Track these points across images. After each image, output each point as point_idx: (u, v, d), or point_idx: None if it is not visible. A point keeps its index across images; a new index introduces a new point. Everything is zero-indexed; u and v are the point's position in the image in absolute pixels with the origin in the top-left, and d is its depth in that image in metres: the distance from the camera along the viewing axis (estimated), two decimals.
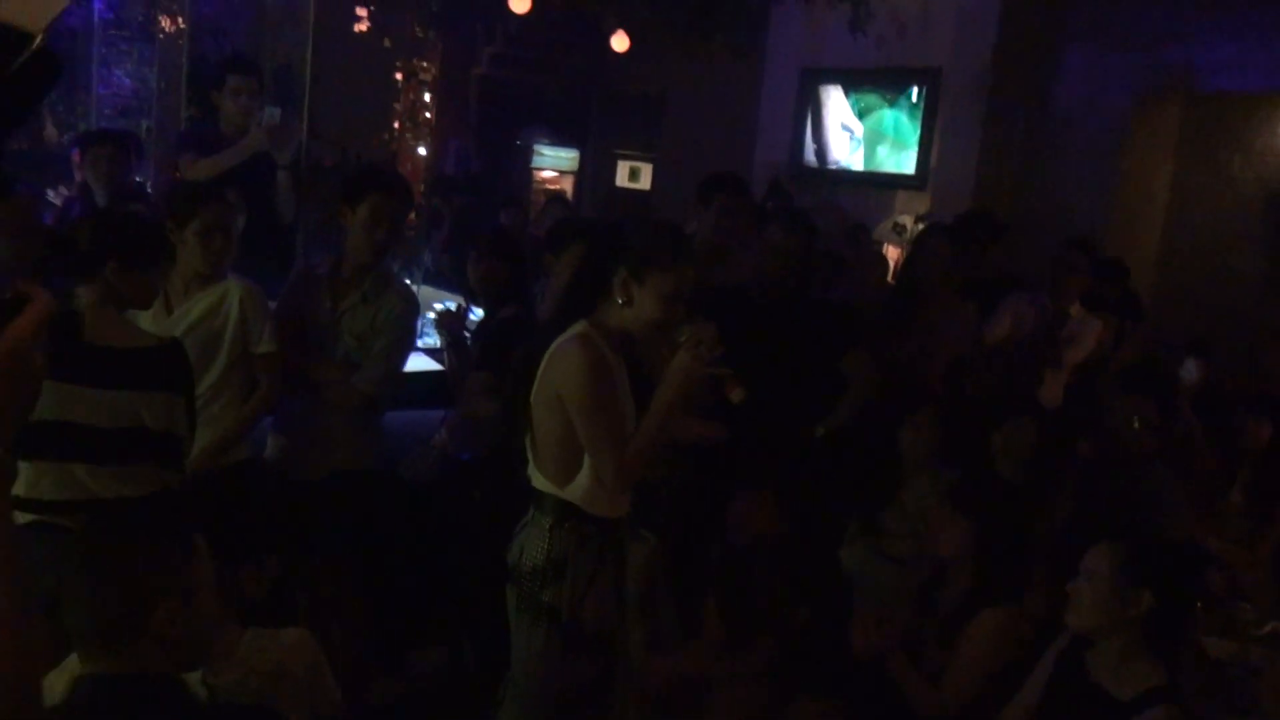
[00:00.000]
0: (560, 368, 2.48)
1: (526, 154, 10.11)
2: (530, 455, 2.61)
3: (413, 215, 5.46)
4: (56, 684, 1.79)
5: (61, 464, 2.62)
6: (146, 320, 3.08)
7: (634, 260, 2.48)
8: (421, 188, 5.95)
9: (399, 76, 5.28)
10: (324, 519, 3.40)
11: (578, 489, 2.53)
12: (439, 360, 4.57)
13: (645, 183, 9.83)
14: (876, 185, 7.66)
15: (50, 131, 6.54)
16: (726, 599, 3.27)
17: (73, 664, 1.65)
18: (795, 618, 3.09)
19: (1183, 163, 7.07)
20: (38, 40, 0.97)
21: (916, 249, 4.82)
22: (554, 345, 2.52)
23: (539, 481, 2.58)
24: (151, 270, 2.85)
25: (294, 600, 3.26)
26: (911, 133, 7.39)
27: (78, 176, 4.71)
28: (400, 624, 3.86)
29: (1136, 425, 3.36)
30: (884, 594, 3.26)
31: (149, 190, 4.85)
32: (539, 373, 2.54)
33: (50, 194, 4.91)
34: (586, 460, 2.52)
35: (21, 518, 2.53)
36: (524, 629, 2.59)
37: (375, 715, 3.50)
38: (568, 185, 10.33)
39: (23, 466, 2.54)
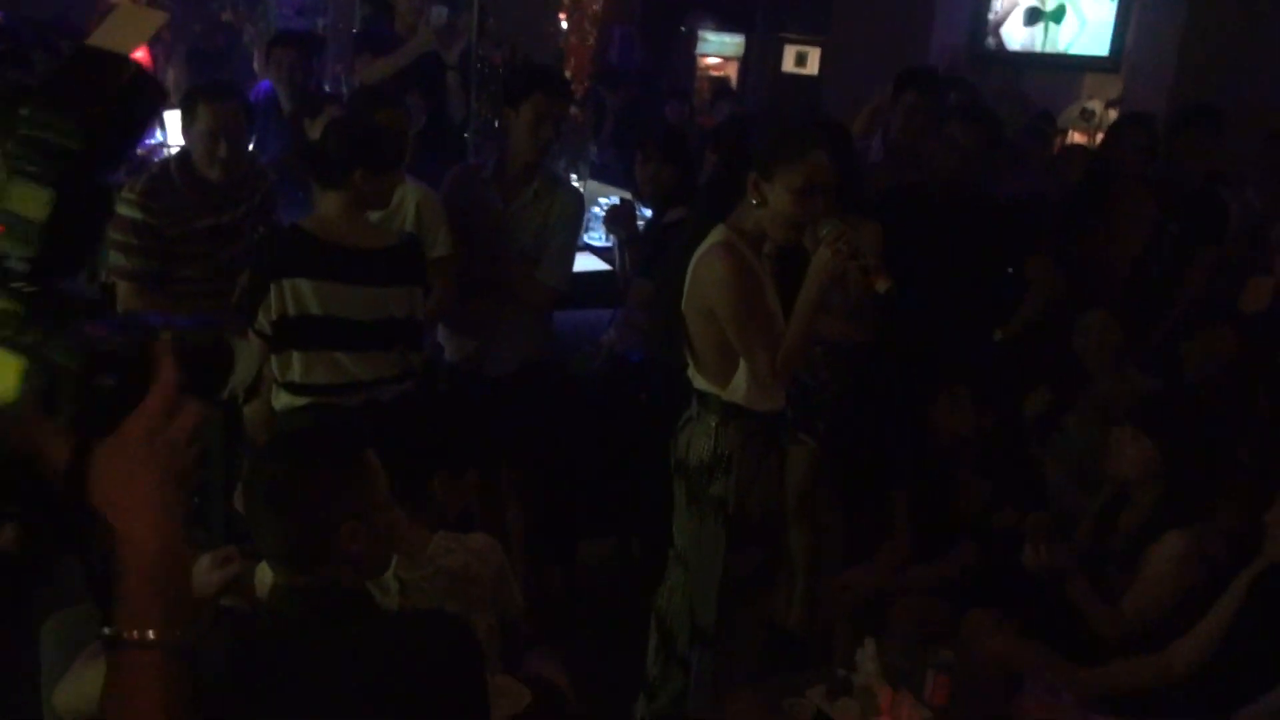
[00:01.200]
0: (706, 277, 2.54)
1: (691, 40, 9.89)
2: (690, 358, 2.69)
3: (577, 110, 5.43)
4: (265, 576, 1.93)
5: (329, 352, 2.91)
6: None
7: (761, 159, 2.51)
8: (587, 82, 5.90)
9: None
10: (512, 411, 3.54)
11: (738, 389, 2.61)
12: (605, 259, 4.61)
13: (813, 68, 9.46)
14: (1065, 68, 7.15)
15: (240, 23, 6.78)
16: (922, 502, 3.24)
17: None
18: (1000, 520, 3.01)
19: None
20: (134, 67, 0.95)
21: (1110, 141, 4.51)
22: (697, 254, 2.58)
23: (700, 382, 2.67)
24: (393, 173, 3.04)
25: (498, 497, 3.43)
26: (1107, 7, 6.83)
27: (263, 75, 4.86)
28: (572, 516, 4.01)
29: None
30: (1066, 508, 3.15)
31: (326, 89, 4.98)
32: (686, 282, 2.60)
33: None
34: (742, 362, 2.58)
35: (298, 400, 2.90)
36: (693, 520, 2.72)
37: (548, 602, 3.65)
38: (732, 72, 10.08)
39: (295, 356, 2.88)
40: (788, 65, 9.52)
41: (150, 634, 0.84)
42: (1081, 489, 3.25)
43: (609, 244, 4.61)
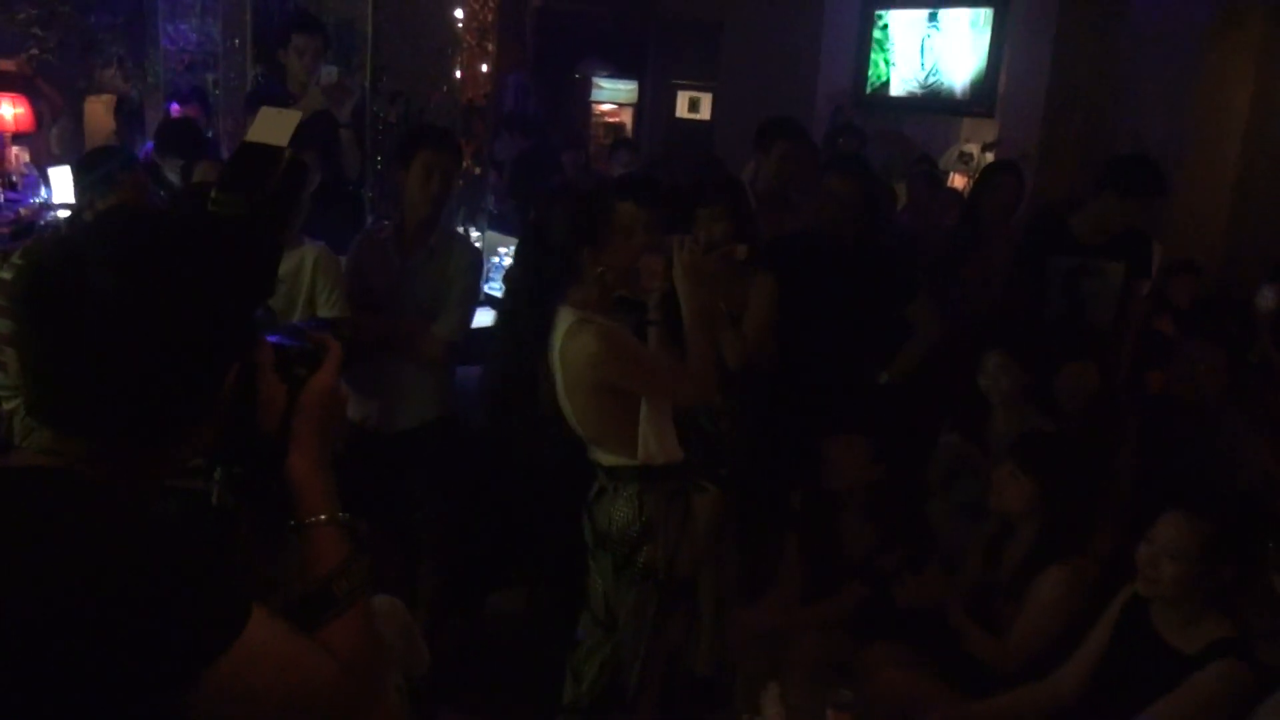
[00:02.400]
0: (578, 358, 2.55)
1: (585, 87, 10.04)
2: (587, 440, 2.71)
3: (474, 166, 5.49)
4: None
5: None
6: None
7: (585, 235, 2.57)
8: (484, 134, 5.98)
9: (459, 17, 5.29)
10: (411, 469, 3.56)
11: (649, 446, 2.64)
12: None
13: (705, 113, 9.71)
14: (942, 112, 7.48)
15: (118, 83, 6.67)
16: (813, 546, 3.31)
17: None
18: (885, 564, 3.09)
19: (1264, 79, 6.78)
20: (287, 153, 1.31)
21: (982, 184, 4.75)
22: (557, 342, 2.60)
23: (607, 459, 2.69)
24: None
25: (378, 559, 3.41)
26: (978, 56, 7.19)
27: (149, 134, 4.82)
28: (478, 568, 4.01)
29: (1202, 372, 3.31)
30: (954, 547, 3.28)
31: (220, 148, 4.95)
32: (557, 374, 2.63)
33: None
34: (644, 414, 2.62)
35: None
36: (623, 589, 2.73)
37: (455, 656, 3.65)
38: (627, 118, 10.26)
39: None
40: (682, 110, 9.74)
41: (323, 516, 1.21)
42: (974, 524, 3.38)
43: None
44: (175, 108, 4.86)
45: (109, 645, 0.98)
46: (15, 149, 5.90)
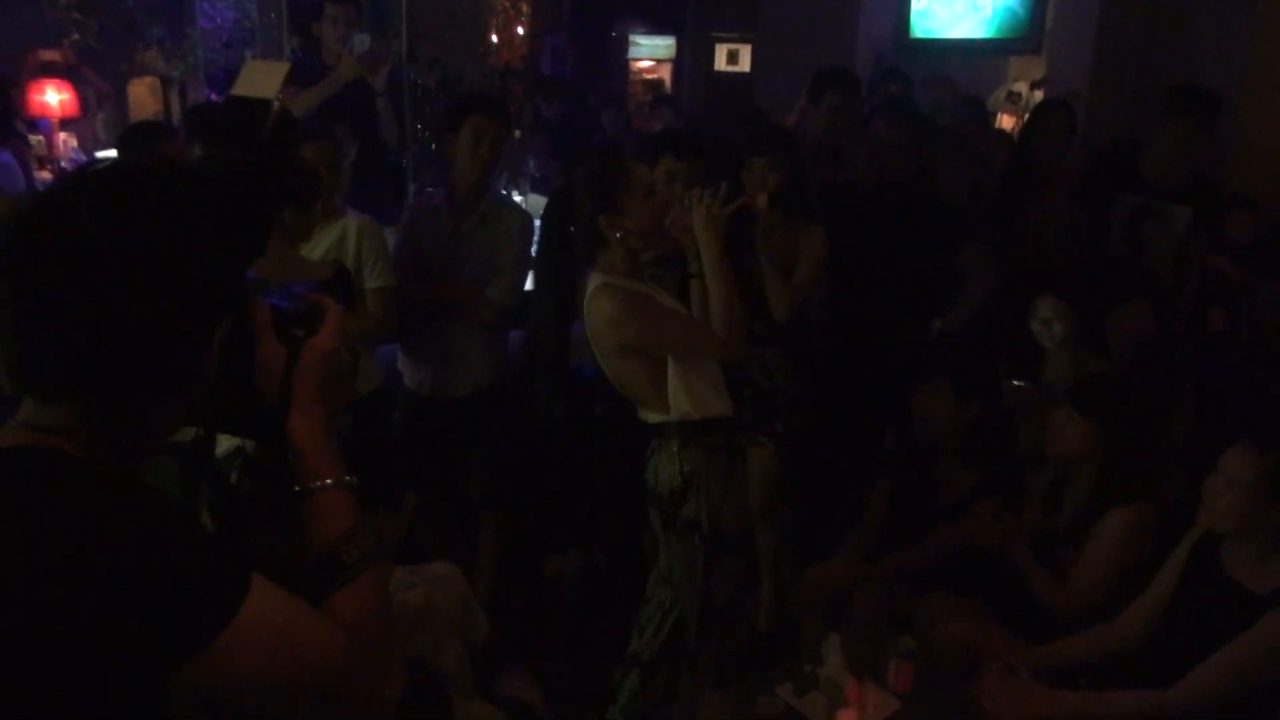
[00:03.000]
0: (599, 323, 2.62)
1: (622, 44, 9.94)
2: (634, 401, 2.73)
3: (518, 130, 5.46)
4: None
5: None
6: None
7: (600, 201, 2.58)
8: (522, 97, 5.96)
9: None
10: (469, 435, 3.58)
11: (679, 402, 2.66)
12: None
13: (745, 65, 9.57)
14: (988, 52, 7.30)
15: (160, 65, 6.72)
16: (904, 493, 3.28)
17: None
18: (982, 510, 3.03)
19: None
20: (276, 104, 1.25)
21: (1032, 125, 4.63)
22: (585, 307, 2.65)
23: (650, 418, 2.71)
24: (315, 205, 3.01)
25: (436, 525, 3.45)
26: None
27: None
28: (536, 533, 4.04)
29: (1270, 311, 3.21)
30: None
31: None
32: (591, 336, 2.67)
33: None
34: (672, 371, 2.63)
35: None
36: (672, 545, 2.75)
37: (513, 619, 3.69)
38: (665, 74, 10.15)
39: None
40: (720, 64, 9.61)
41: (328, 480, 1.17)
42: (1034, 470, 3.33)
43: None
44: (213, 96, 4.87)
45: (105, 626, 0.96)
46: (63, 135, 5.98)
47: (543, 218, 2.77)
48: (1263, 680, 2.28)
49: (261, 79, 1.28)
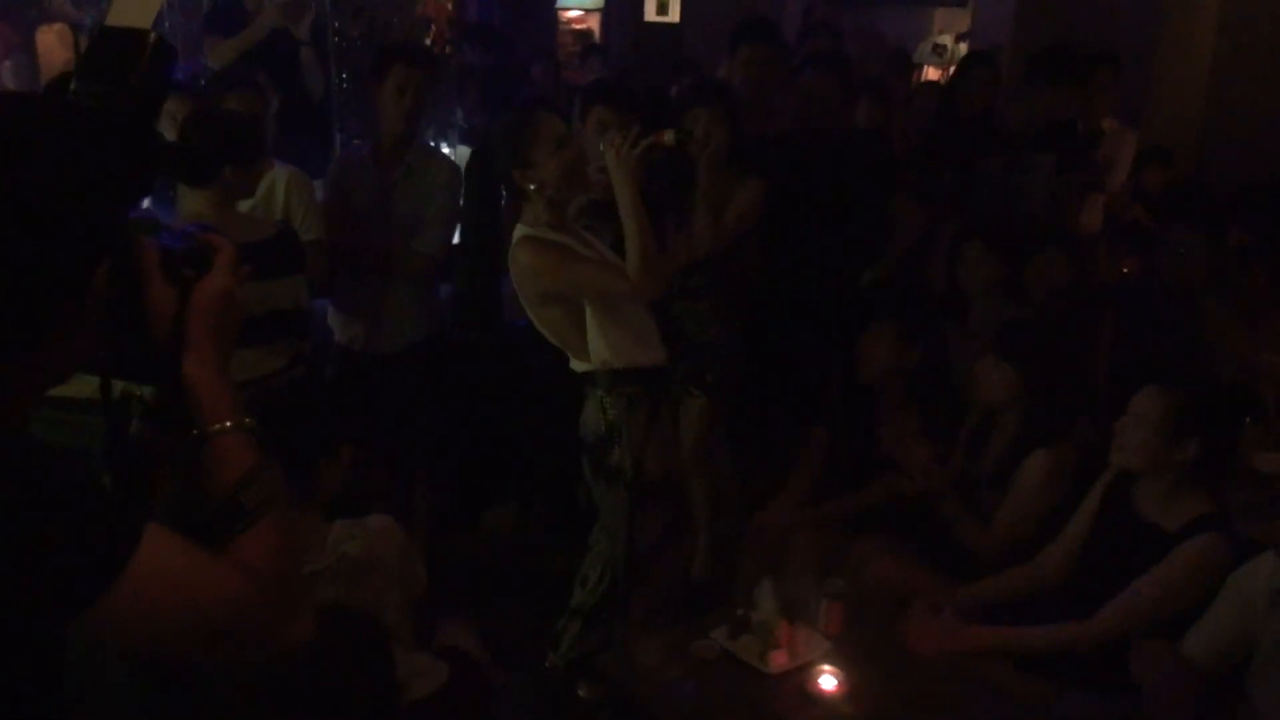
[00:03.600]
0: (518, 274, 2.70)
1: None
2: (564, 349, 2.78)
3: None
4: None
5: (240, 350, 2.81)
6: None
7: (512, 157, 2.64)
8: (448, 48, 5.84)
9: None
10: (401, 390, 3.57)
11: (599, 350, 2.71)
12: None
13: (675, 15, 9.47)
14: (915, 3, 7.37)
15: (69, 10, 6.46)
16: (844, 438, 3.33)
17: None
18: (921, 455, 3.10)
19: None
20: (152, 35, 1.17)
21: (958, 77, 4.70)
22: (509, 258, 2.72)
23: (577, 366, 2.78)
24: (260, 162, 2.99)
25: (372, 479, 3.43)
26: None
27: None
28: (473, 485, 4.05)
29: (1182, 254, 3.33)
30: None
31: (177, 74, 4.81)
32: (515, 287, 2.75)
33: None
34: (590, 319, 2.69)
35: None
36: (600, 492, 2.83)
37: (451, 571, 3.71)
38: (594, 23, 10.02)
39: None
40: (650, 14, 9.48)
41: (227, 424, 1.15)
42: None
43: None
44: None
45: None
46: None
47: (465, 175, 2.79)
48: (1171, 611, 2.40)
49: (136, 8, 1.23)
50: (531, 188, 2.62)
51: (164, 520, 1.06)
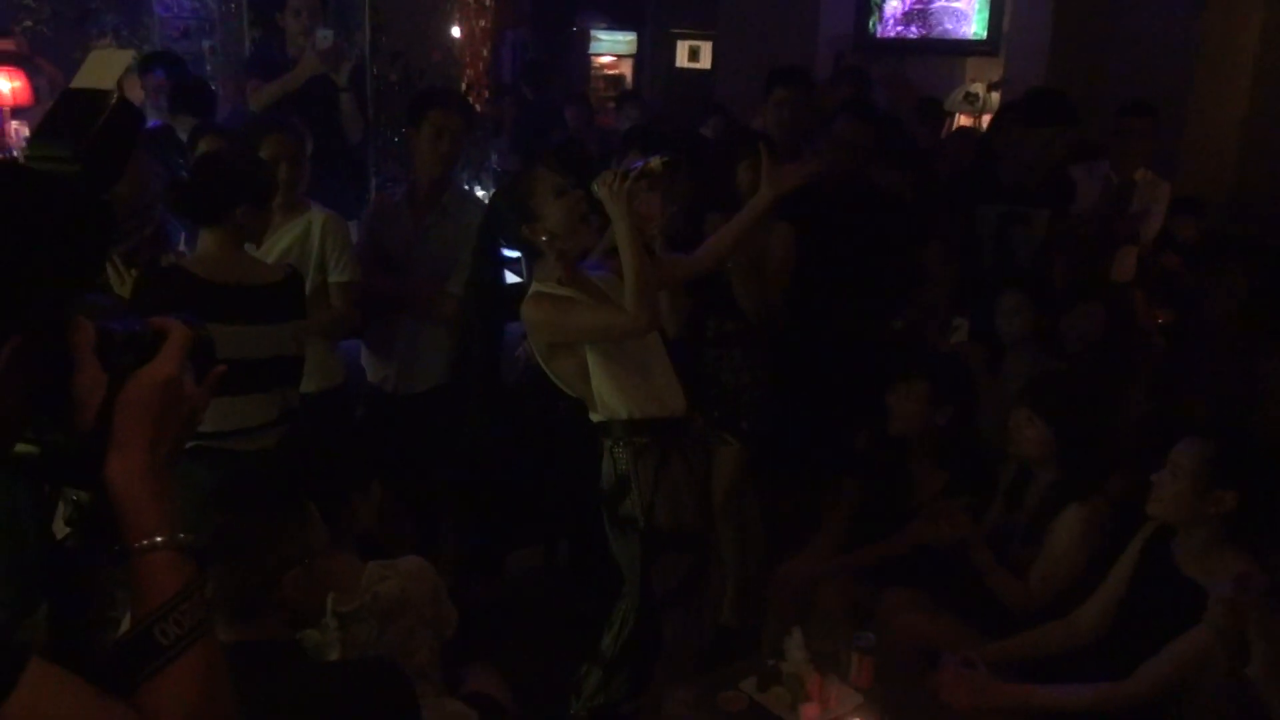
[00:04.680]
0: (529, 330, 2.73)
1: (584, 40, 9.93)
2: (582, 399, 2.79)
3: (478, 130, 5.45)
4: None
5: (223, 398, 2.78)
6: None
7: (520, 212, 2.65)
8: (485, 93, 5.93)
9: None
10: (431, 430, 3.58)
11: (606, 401, 2.72)
12: (515, 271, 4.66)
13: (705, 62, 9.60)
14: (946, 53, 7.39)
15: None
16: (873, 491, 3.32)
17: None
18: (947, 509, 3.03)
19: (1273, 13, 6.68)
20: (114, 96, 1.07)
21: (997, 126, 4.70)
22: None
23: (593, 417, 2.79)
24: (270, 203, 2.98)
25: (400, 517, 3.43)
26: None
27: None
28: (498, 528, 4.05)
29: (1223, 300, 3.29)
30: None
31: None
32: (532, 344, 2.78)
33: None
34: (594, 372, 2.70)
35: None
36: (617, 542, 2.83)
37: (476, 615, 3.69)
38: (626, 69, 10.16)
39: None
40: (682, 60, 9.63)
41: (158, 539, 0.98)
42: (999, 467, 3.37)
43: (519, 255, 4.64)
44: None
45: None
46: (15, 124, 5.86)
47: (477, 234, 2.84)
48: (1211, 672, 2.35)
49: (102, 69, 1.17)
50: (543, 239, 2.63)
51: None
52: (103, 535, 1.02)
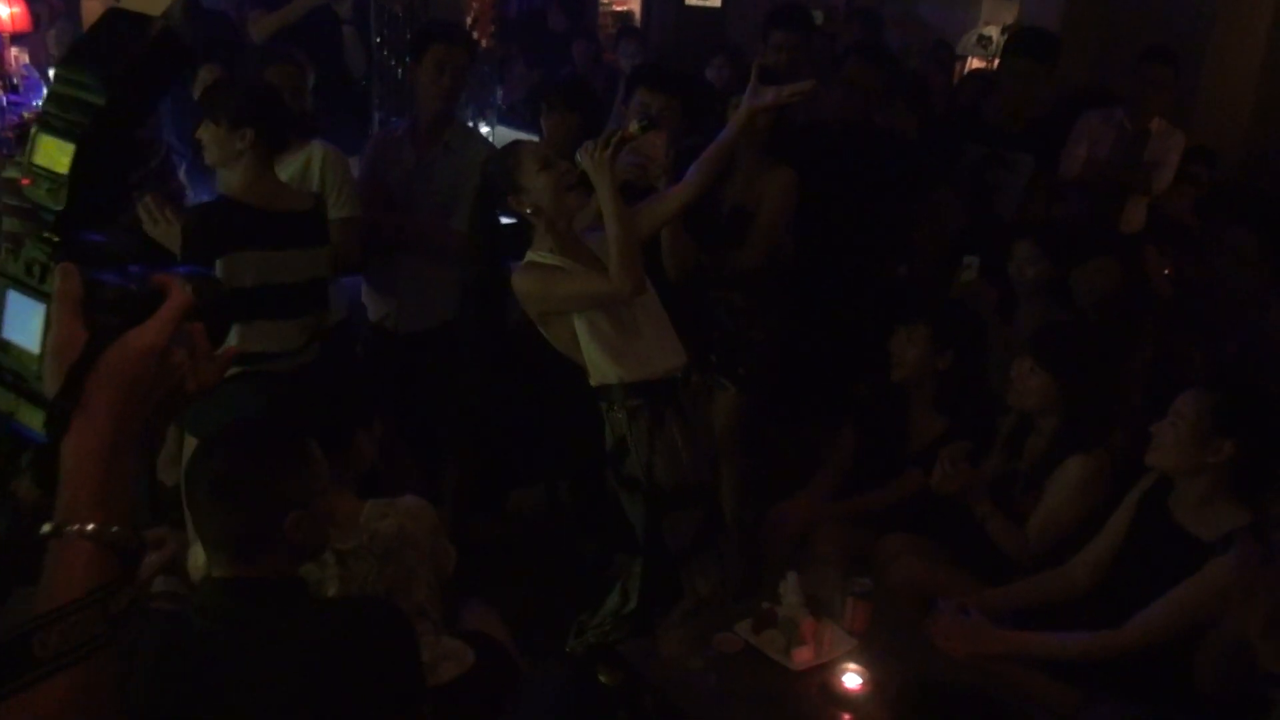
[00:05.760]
0: (521, 294, 2.71)
1: None
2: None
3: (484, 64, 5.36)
4: (199, 559, 1.95)
5: (270, 321, 2.89)
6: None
7: (504, 184, 2.65)
8: (492, 26, 5.82)
9: None
10: (431, 368, 3.58)
11: (597, 367, 2.72)
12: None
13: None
14: None
15: None
16: (872, 436, 3.31)
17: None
18: (950, 453, 3.00)
19: None
20: (158, 25, 0.98)
21: (1000, 72, 4.62)
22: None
23: (591, 381, 2.78)
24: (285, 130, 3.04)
25: (401, 455, 3.44)
26: None
27: None
28: (499, 466, 4.06)
29: (1234, 258, 3.26)
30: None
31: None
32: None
33: None
34: (582, 339, 2.69)
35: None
36: (624, 501, 2.85)
37: (478, 553, 3.71)
38: (635, 5, 9.97)
39: (234, 330, 2.74)
40: None
41: (89, 526, 0.86)
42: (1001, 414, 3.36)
43: None
44: None
45: None
46: (14, 50, 5.79)
47: (475, 200, 2.82)
48: (1204, 622, 2.36)
49: None
50: (529, 211, 2.63)
51: None
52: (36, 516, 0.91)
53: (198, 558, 1.97)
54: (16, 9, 5.72)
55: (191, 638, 1.59)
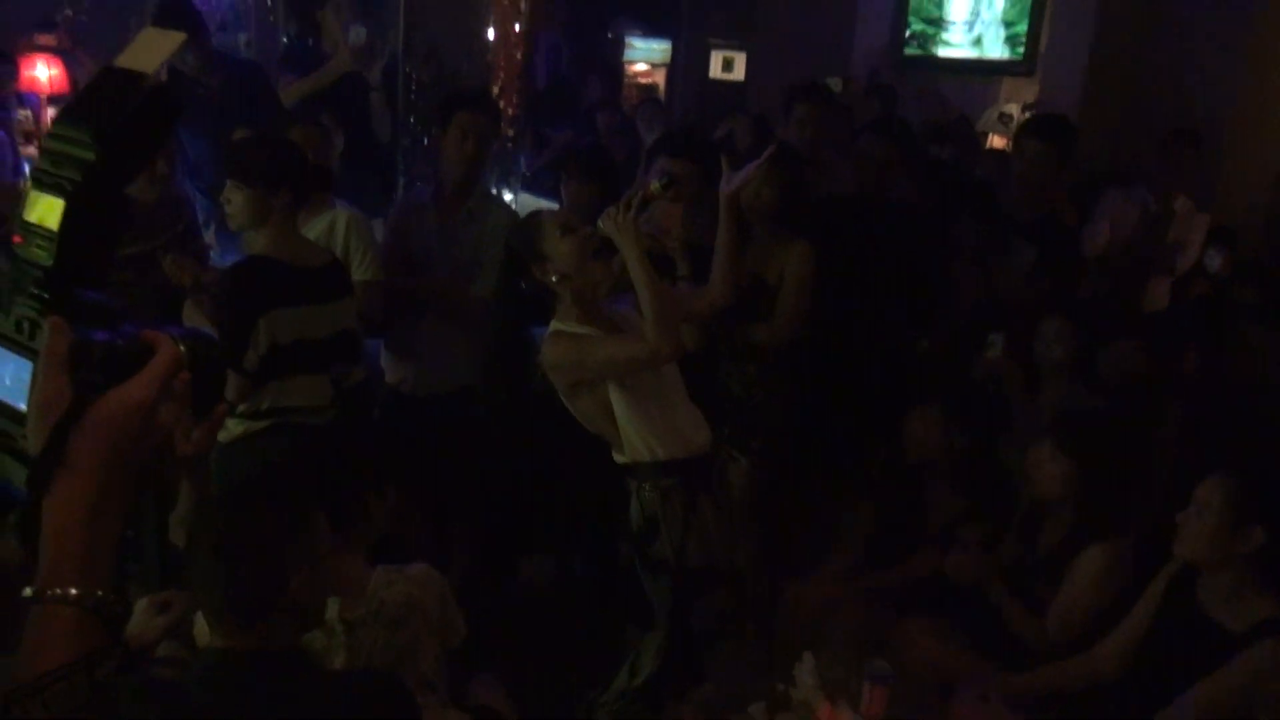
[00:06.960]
0: (550, 372, 2.65)
1: (618, 47, 9.90)
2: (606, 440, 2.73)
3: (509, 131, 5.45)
4: (204, 625, 1.92)
5: (308, 376, 2.92)
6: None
7: (526, 254, 2.63)
8: (517, 96, 5.92)
9: None
10: (447, 434, 3.56)
11: (632, 444, 2.65)
12: None
13: (739, 73, 9.54)
14: (982, 73, 7.34)
15: None
16: (889, 513, 3.27)
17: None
18: (967, 534, 3.01)
19: None
20: (152, 81, 0.98)
21: (1013, 155, 4.62)
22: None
23: (618, 459, 2.72)
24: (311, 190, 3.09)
25: (412, 519, 3.41)
26: (1021, 15, 7.03)
27: None
28: (511, 535, 4.01)
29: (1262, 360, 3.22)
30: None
31: None
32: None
33: None
34: (620, 413, 2.63)
35: (256, 424, 2.86)
36: (649, 582, 2.76)
37: (485, 624, 3.66)
38: (660, 79, 10.12)
39: (273, 385, 2.85)
40: (715, 71, 9.57)
41: (72, 591, 0.84)
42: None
43: None
44: None
45: None
46: (52, 111, 5.91)
47: (501, 273, 2.82)
48: (1235, 715, 2.29)
49: (149, 49, 1.05)
50: (554, 279, 2.60)
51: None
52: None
53: (204, 623, 1.94)
54: (55, 71, 5.86)
55: (190, 710, 1.55)
